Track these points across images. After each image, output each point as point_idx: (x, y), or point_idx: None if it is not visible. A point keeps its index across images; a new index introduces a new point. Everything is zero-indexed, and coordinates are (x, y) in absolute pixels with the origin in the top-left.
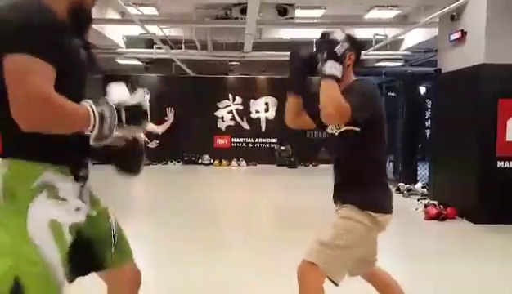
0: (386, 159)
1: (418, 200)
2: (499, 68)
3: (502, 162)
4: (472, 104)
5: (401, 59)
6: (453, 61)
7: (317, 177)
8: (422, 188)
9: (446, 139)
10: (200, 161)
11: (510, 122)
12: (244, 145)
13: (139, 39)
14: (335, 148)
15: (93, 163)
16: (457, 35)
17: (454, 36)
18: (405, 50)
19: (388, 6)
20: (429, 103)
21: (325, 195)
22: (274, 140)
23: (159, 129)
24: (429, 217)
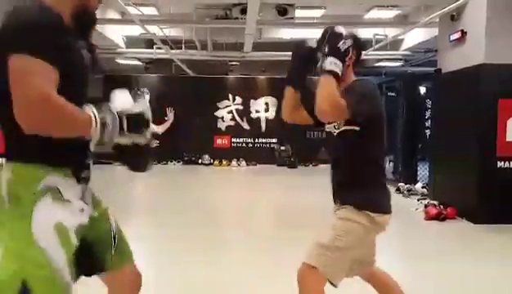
0: (385, 159)
1: (418, 200)
2: (499, 68)
3: (502, 162)
4: (472, 104)
5: (401, 59)
6: (453, 61)
7: (317, 177)
8: (422, 188)
9: (446, 139)
10: (200, 161)
11: (510, 122)
12: (244, 145)
13: (139, 39)
14: (334, 147)
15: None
16: (457, 35)
17: (454, 36)
18: (405, 50)
19: (388, 6)
20: (429, 103)
21: (325, 195)
22: (274, 140)
23: (159, 129)
24: (429, 217)
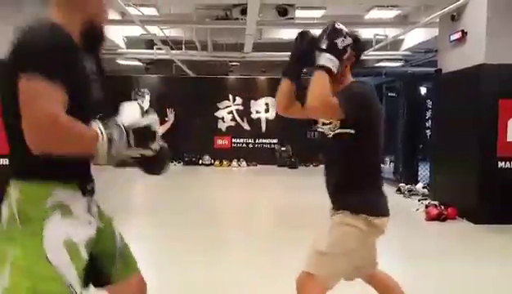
0: (381, 162)
1: (419, 200)
2: (499, 68)
3: (503, 162)
4: (472, 104)
5: (401, 59)
6: (453, 61)
7: (318, 178)
8: (423, 188)
9: (446, 139)
10: (201, 161)
11: (511, 123)
12: (244, 146)
13: (139, 40)
14: (329, 149)
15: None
16: (457, 35)
17: (454, 36)
18: (405, 50)
19: (389, 6)
20: (430, 103)
21: (325, 195)
22: (274, 141)
23: (160, 130)
24: (430, 218)
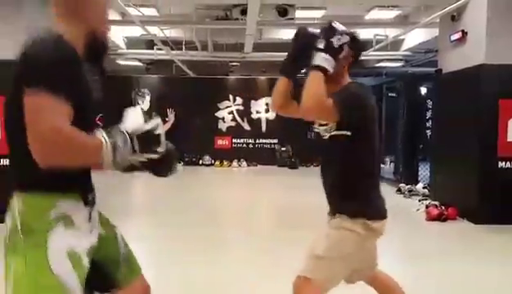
0: (378, 163)
1: (419, 201)
2: (499, 68)
3: (503, 162)
4: (473, 104)
5: (401, 59)
6: (454, 61)
7: (318, 178)
8: (423, 188)
9: (447, 139)
10: (201, 162)
11: (511, 123)
12: (244, 146)
13: (139, 40)
14: (325, 150)
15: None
16: (458, 35)
17: (454, 36)
18: (405, 50)
19: (389, 6)
20: (430, 103)
21: (325, 196)
22: (275, 141)
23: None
24: (431, 218)
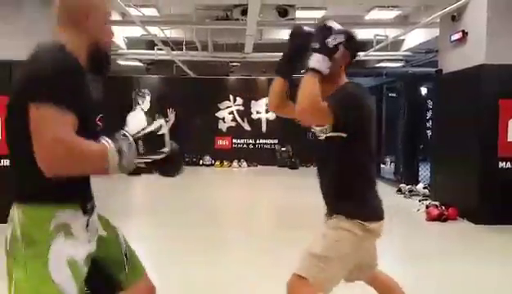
0: (375, 163)
1: (419, 201)
2: (500, 68)
3: (504, 162)
4: (473, 104)
5: (401, 59)
6: (454, 62)
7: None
8: (423, 189)
9: (447, 139)
10: (201, 162)
11: (511, 123)
12: (245, 146)
13: (140, 40)
14: (321, 151)
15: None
16: (458, 35)
17: (455, 36)
18: (406, 50)
19: (389, 6)
20: (430, 103)
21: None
22: (275, 141)
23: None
24: (431, 218)
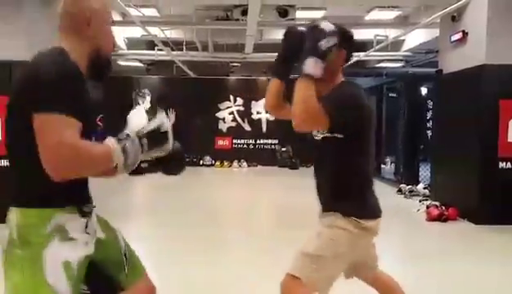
0: (372, 164)
1: (420, 201)
2: (500, 68)
3: (504, 162)
4: (473, 104)
5: (402, 60)
6: (454, 62)
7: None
8: (424, 189)
9: (447, 140)
10: (202, 162)
11: None
12: (245, 146)
13: (140, 41)
14: (318, 150)
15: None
16: (458, 36)
17: (455, 37)
18: (406, 51)
19: (389, 6)
20: (431, 104)
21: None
22: (275, 141)
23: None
24: (431, 218)
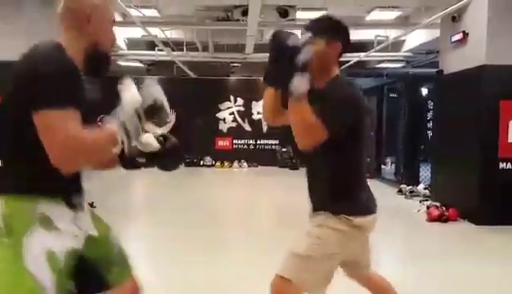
0: (365, 160)
1: (420, 202)
2: (500, 69)
3: (504, 163)
4: (473, 105)
5: (402, 60)
6: (455, 62)
7: None
8: (424, 189)
9: (447, 140)
10: (202, 163)
11: None
12: (245, 147)
13: (140, 41)
14: (310, 150)
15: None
16: (459, 36)
17: (455, 37)
18: (406, 51)
19: (390, 7)
20: (431, 104)
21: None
22: (275, 142)
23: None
24: (431, 219)
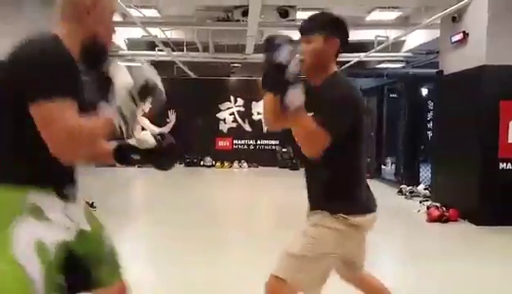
0: (364, 159)
1: (420, 202)
2: (500, 69)
3: (504, 163)
4: (474, 105)
5: (402, 60)
6: (455, 63)
7: None
8: (424, 190)
9: (448, 140)
10: (202, 163)
11: None
12: (245, 147)
13: (141, 41)
14: None
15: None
16: (459, 36)
17: (455, 37)
18: (406, 51)
19: (390, 7)
20: (431, 104)
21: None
22: (276, 142)
23: (164, 129)
24: (432, 219)
